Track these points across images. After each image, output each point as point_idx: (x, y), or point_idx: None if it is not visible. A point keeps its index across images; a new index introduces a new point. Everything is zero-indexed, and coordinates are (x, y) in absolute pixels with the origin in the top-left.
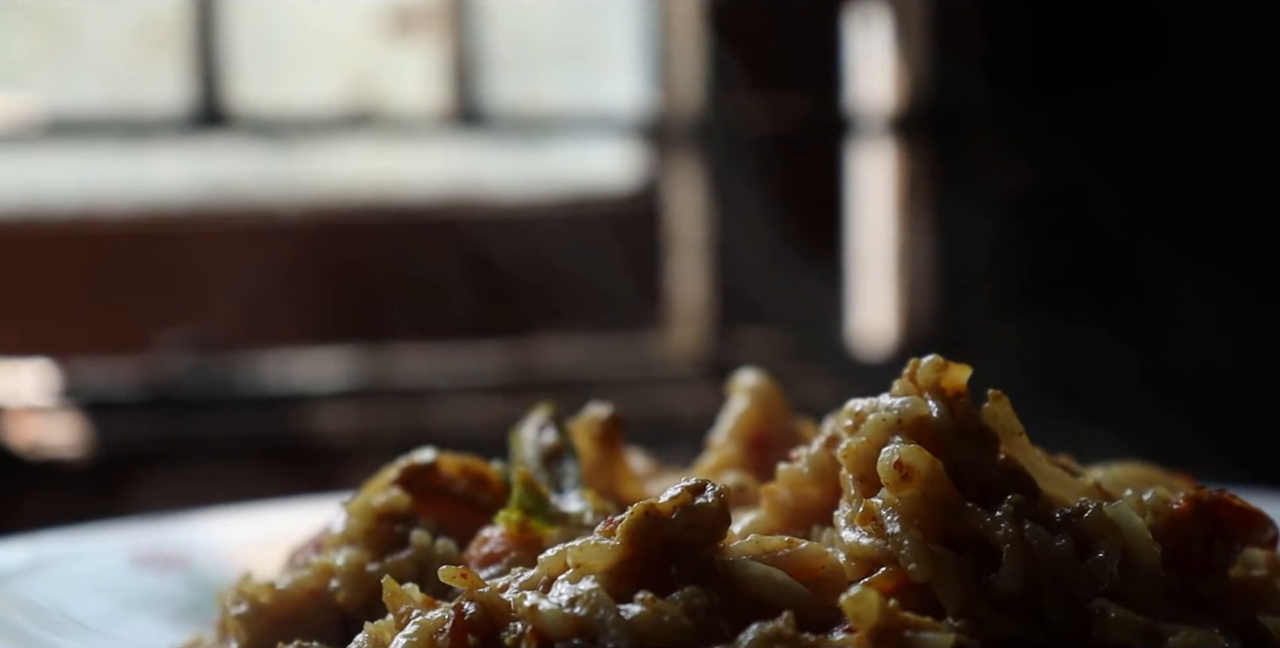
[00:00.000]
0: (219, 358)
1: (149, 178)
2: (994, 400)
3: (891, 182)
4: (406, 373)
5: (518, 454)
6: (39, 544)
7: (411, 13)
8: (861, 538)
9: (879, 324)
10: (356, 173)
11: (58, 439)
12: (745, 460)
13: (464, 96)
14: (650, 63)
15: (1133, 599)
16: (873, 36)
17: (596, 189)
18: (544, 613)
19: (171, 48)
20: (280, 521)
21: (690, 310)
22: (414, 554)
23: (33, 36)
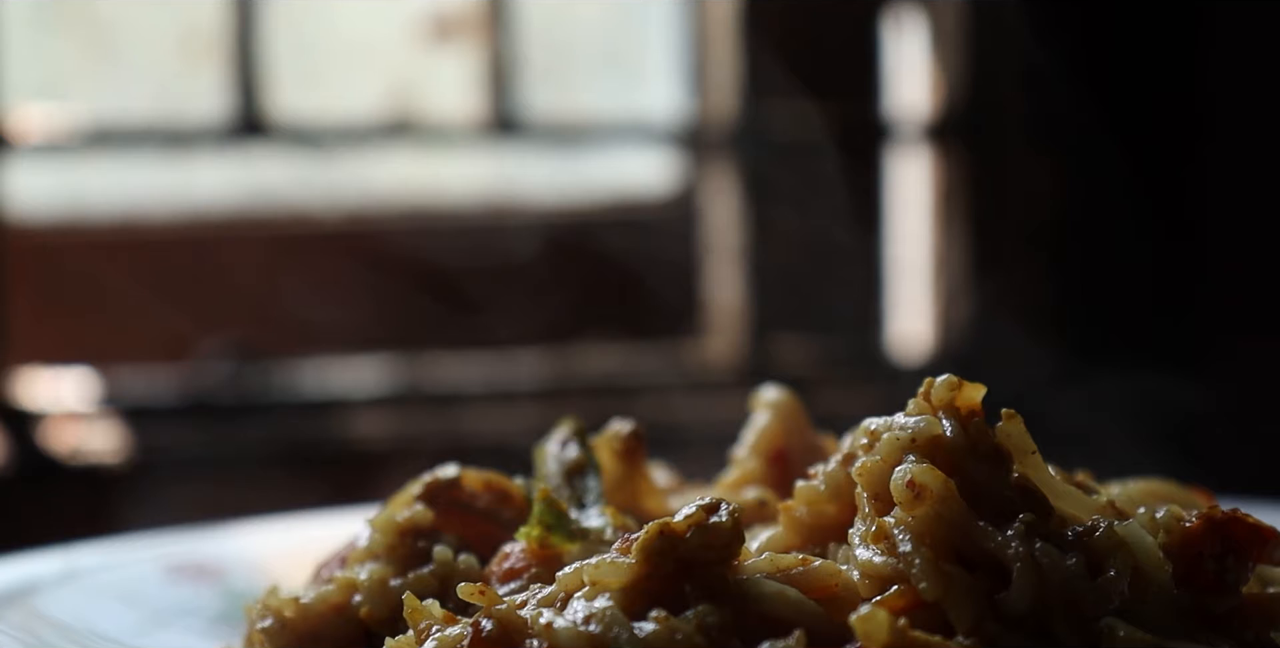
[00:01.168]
0: (258, 365)
1: (191, 186)
2: (1007, 419)
3: (928, 188)
4: (444, 380)
5: (541, 469)
6: (71, 555)
7: (450, 20)
8: (874, 556)
9: (916, 332)
10: (395, 180)
11: (98, 445)
12: (767, 476)
13: (501, 104)
14: (687, 70)
15: (1143, 617)
16: (909, 43)
17: (633, 196)
18: (558, 631)
19: (213, 57)
20: (315, 531)
21: (727, 317)
22: (436, 569)
23: (77, 46)
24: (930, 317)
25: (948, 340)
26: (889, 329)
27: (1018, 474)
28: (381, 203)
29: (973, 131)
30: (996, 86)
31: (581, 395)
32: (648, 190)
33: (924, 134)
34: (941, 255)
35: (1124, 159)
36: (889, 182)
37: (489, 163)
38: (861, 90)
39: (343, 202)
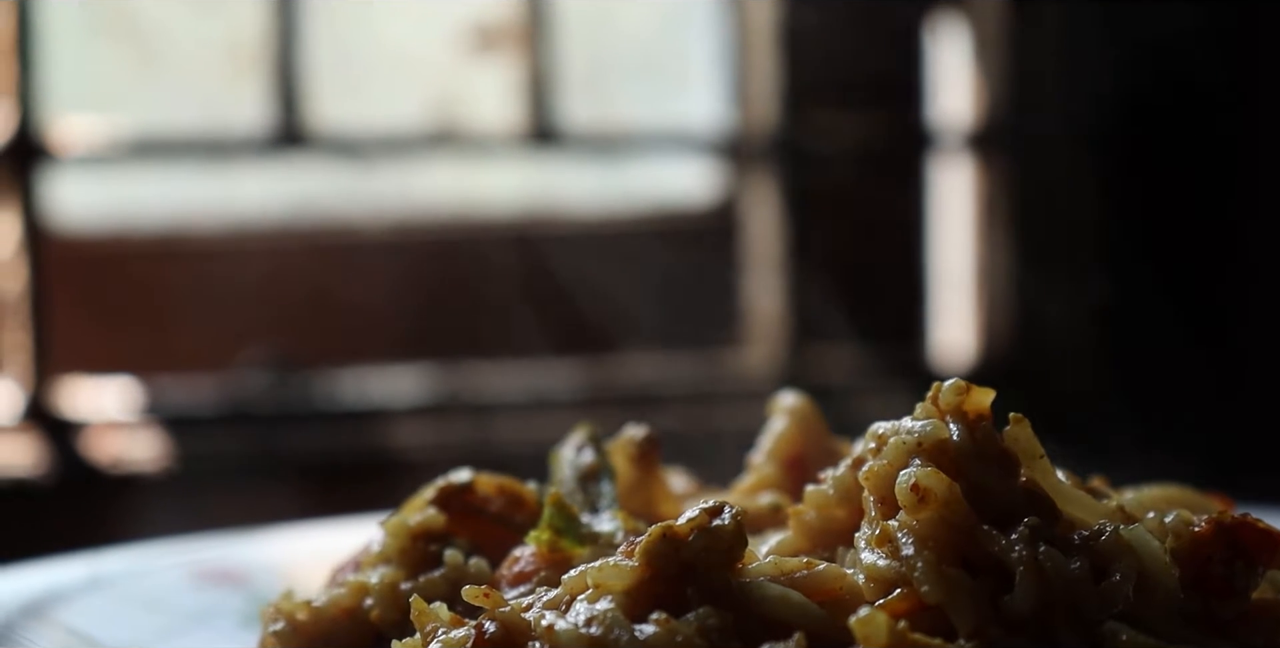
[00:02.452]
0: (297, 374)
1: (235, 197)
2: (1015, 424)
3: (970, 197)
4: (483, 389)
5: (556, 474)
6: (99, 561)
7: (492, 30)
8: (878, 560)
9: (958, 340)
10: (437, 190)
11: (139, 454)
12: (783, 481)
13: (542, 114)
14: (728, 79)
15: (1148, 622)
16: (951, 51)
17: (674, 206)
18: (559, 633)
19: (256, 68)
20: (342, 537)
21: (767, 326)
22: (447, 573)
23: (123, 57)
24: (973, 325)
25: (990, 349)
26: (931, 338)
27: (1025, 479)
28: (423, 213)
29: (1015, 140)
30: (1039, 94)
31: (620, 405)
32: (688, 200)
33: (966, 143)
34: (984, 264)
35: (1167, 165)
36: (931, 190)
37: (530, 173)
38: (903, 99)
39: (384, 212)
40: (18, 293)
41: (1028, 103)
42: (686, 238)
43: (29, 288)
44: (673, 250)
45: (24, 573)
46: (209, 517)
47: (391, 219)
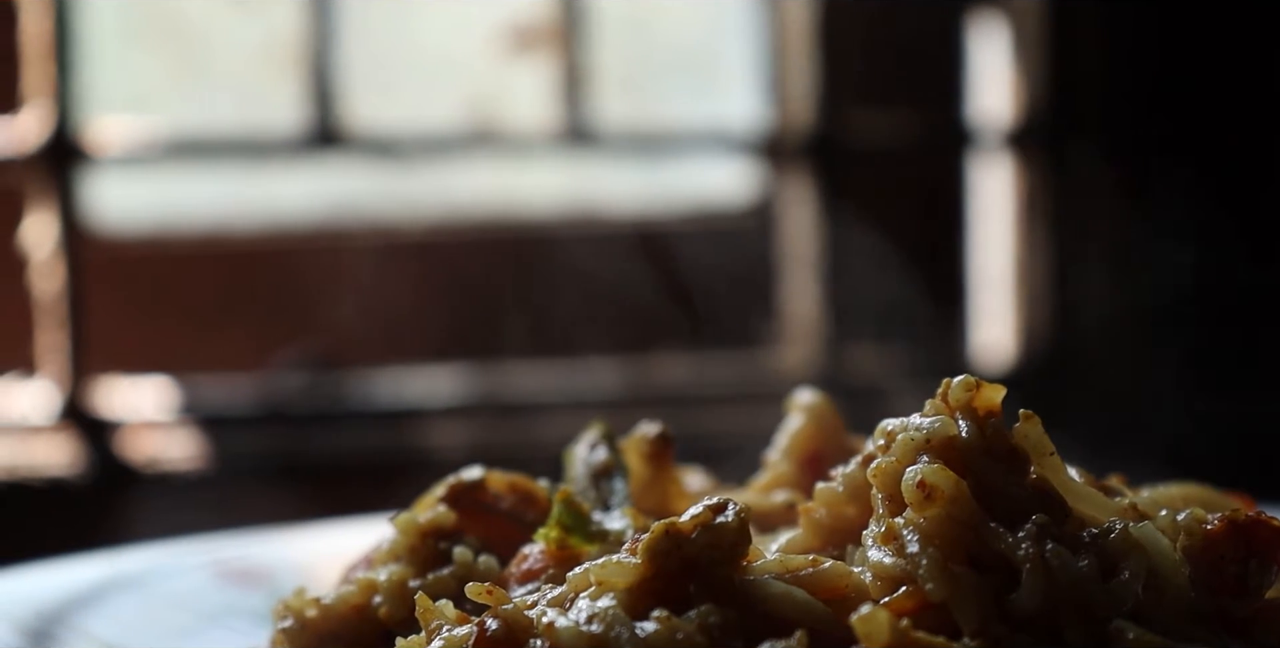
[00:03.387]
0: (334, 374)
1: (273, 198)
2: (1025, 420)
3: (1009, 196)
4: (521, 389)
5: (570, 472)
6: (124, 558)
7: (529, 30)
8: (885, 557)
9: (998, 340)
10: (475, 191)
11: (175, 454)
12: (799, 479)
13: (578, 114)
14: (765, 78)
15: (1157, 621)
16: (990, 48)
17: (712, 206)
18: (560, 630)
19: (293, 69)
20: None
21: (804, 327)
22: (455, 571)
23: (162, 59)
24: (1012, 324)
25: (1030, 348)
26: (971, 337)
27: (1035, 476)
28: (460, 213)
29: (1055, 138)
30: (1079, 93)
31: (656, 405)
32: (726, 200)
33: (1005, 141)
34: (1024, 262)
35: (1208, 162)
36: (970, 188)
37: (567, 173)
38: (942, 97)
39: (421, 212)
40: (55, 293)
41: (1067, 100)
42: (724, 237)
43: (66, 288)
44: (710, 250)
45: (48, 571)
46: (243, 516)
47: (428, 219)
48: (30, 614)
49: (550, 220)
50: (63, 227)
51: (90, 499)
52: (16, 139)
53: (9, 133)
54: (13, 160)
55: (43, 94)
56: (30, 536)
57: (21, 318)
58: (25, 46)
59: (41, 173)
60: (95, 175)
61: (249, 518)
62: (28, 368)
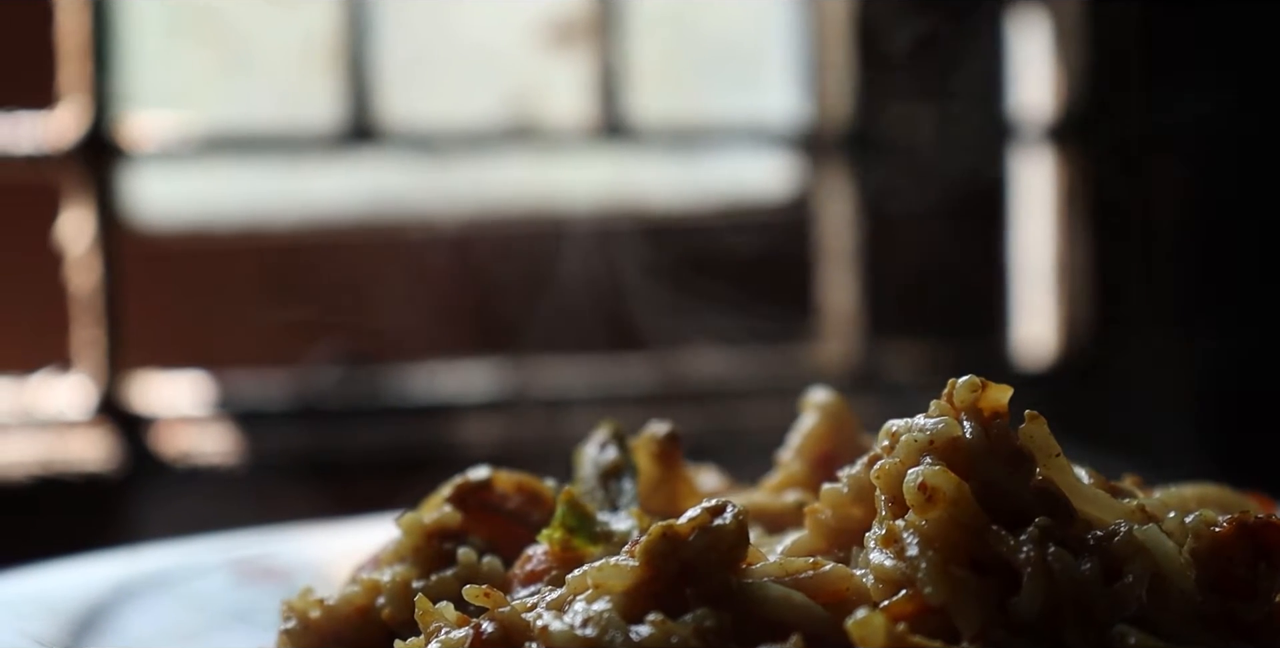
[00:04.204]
0: (367, 369)
1: (310, 193)
2: (1030, 421)
3: (1050, 190)
4: (553, 384)
5: (579, 472)
6: (142, 555)
7: (569, 24)
8: (886, 560)
9: (1039, 336)
10: (512, 186)
11: (209, 449)
12: (811, 479)
13: (616, 108)
14: (804, 72)
15: (1161, 624)
16: (1031, 41)
17: (749, 200)
18: (554, 633)
19: (332, 64)
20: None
21: (841, 322)
22: (459, 572)
23: (202, 54)
24: (1053, 320)
25: (1071, 344)
26: (1011, 333)
27: (1041, 477)
28: (497, 209)
29: (1096, 132)
30: (1120, 86)
31: (690, 400)
32: (763, 194)
33: (1046, 135)
34: (1065, 257)
35: (1249, 158)
36: (1011, 183)
37: (605, 168)
38: (981, 91)
39: (459, 207)
40: (92, 288)
41: (1109, 95)
42: (761, 232)
43: (103, 283)
44: (747, 244)
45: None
46: (276, 511)
47: (465, 214)
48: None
49: (587, 215)
50: (99, 222)
51: (125, 494)
52: (54, 135)
53: (46, 128)
54: (50, 156)
55: (80, 90)
56: (65, 530)
57: (58, 313)
58: (62, 42)
59: (78, 168)
60: (133, 171)
61: (282, 513)
62: (63, 363)
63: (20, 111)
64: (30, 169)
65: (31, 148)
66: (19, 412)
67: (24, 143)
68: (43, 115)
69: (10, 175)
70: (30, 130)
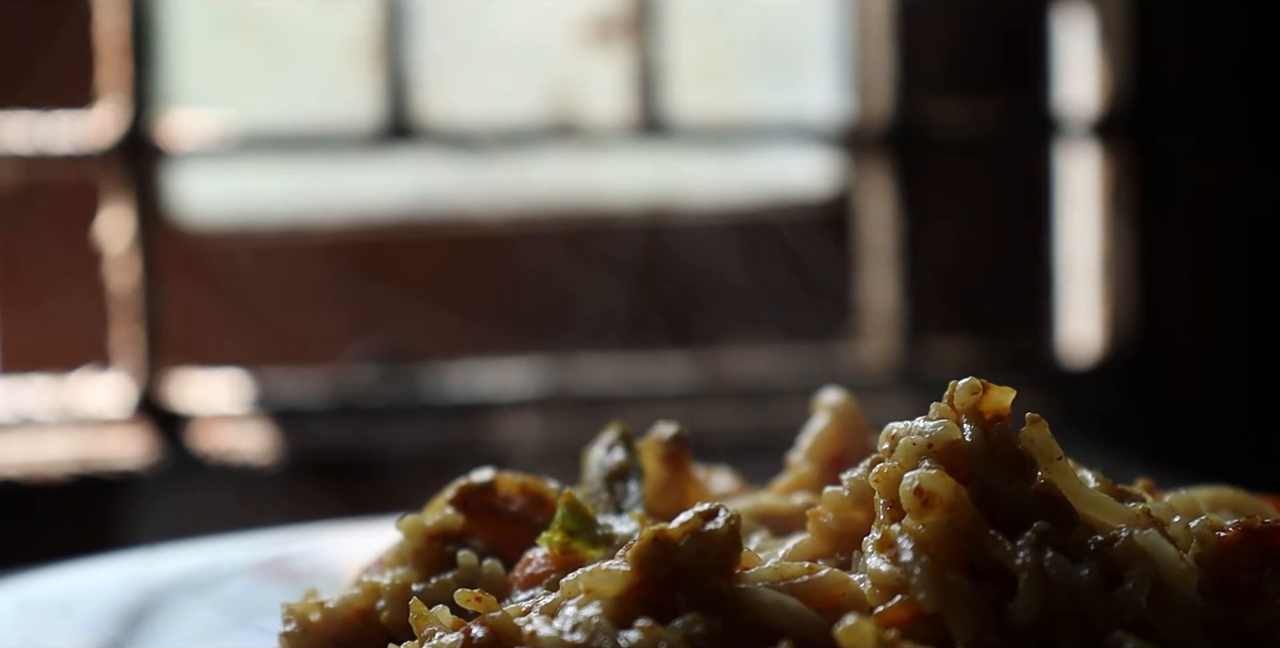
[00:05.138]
0: (406, 367)
1: (352, 191)
2: (1031, 424)
3: (1095, 186)
4: (593, 382)
5: (585, 474)
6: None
7: (610, 21)
8: (882, 565)
9: (1083, 333)
10: (554, 183)
11: (249, 447)
12: (822, 481)
13: (656, 105)
14: (845, 68)
15: (1163, 631)
16: (1076, 36)
17: (790, 197)
18: (542, 639)
19: (374, 62)
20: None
21: (882, 319)
22: (459, 575)
23: (244, 53)
24: (1098, 317)
25: (1116, 342)
26: (1055, 331)
27: (1043, 481)
28: (539, 205)
29: (1141, 127)
30: (1165, 81)
31: (730, 398)
32: (805, 191)
33: (1091, 130)
34: (1110, 254)
35: None
36: (1055, 179)
37: (646, 165)
38: (1025, 86)
39: (501, 205)
40: (132, 286)
41: (1153, 88)
42: (803, 229)
43: (143, 281)
44: (788, 242)
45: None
46: (314, 510)
47: (508, 212)
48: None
49: (628, 212)
50: (139, 220)
51: (163, 492)
52: (94, 133)
53: (86, 127)
54: (90, 155)
55: (120, 88)
56: (103, 528)
57: (98, 311)
58: (102, 41)
59: (118, 167)
60: (174, 169)
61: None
62: (103, 361)
63: (61, 111)
64: (71, 168)
65: (72, 147)
66: (58, 410)
67: (65, 142)
68: (83, 114)
69: (51, 174)
70: (71, 129)
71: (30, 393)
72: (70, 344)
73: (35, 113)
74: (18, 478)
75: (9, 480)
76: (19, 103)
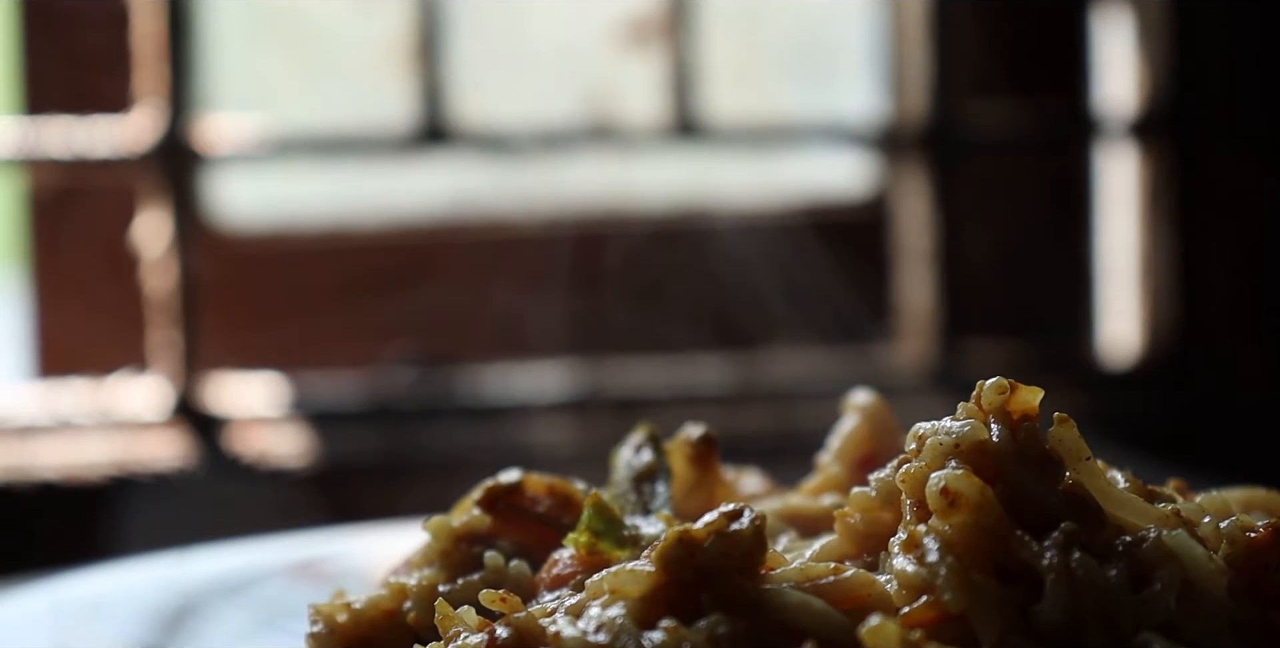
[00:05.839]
0: (442, 370)
1: (390, 194)
2: (1059, 424)
3: (1134, 187)
4: (628, 385)
5: (613, 475)
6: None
7: (645, 23)
8: (908, 565)
9: (1121, 335)
10: (589, 185)
11: (285, 450)
12: (851, 482)
13: (691, 107)
14: (881, 69)
15: (1191, 632)
16: (1114, 37)
17: (827, 199)
18: (565, 639)
19: (409, 65)
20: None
21: (919, 321)
22: (486, 576)
23: (281, 56)
24: (1137, 319)
25: (1155, 343)
26: (1094, 332)
27: (1071, 481)
28: (574, 208)
29: (1180, 127)
30: (1205, 80)
31: (767, 400)
32: (842, 193)
33: (1130, 130)
34: (1149, 255)
35: None
36: (1094, 179)
37: (682, 167)
38: (1063, 86)
39: (537, 208)
40: (169, 290)
41: (1193, 89)
42: (839, 231)
43: (180, 285)
44: (824, 244)
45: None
46: (351, 513)
47: (543, 214)
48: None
49: (664, 215)
50: (177, 224)
51: (199, 494)
52: (131, 137)
53: (123, 131)
54: (127, 159)
55: (157, 92)
56: (139, 530)
57: (135, 315)
58: (139, 45)
59: (155, 171)
60: (212, 173)
61: (355, 515)
62: (140, 364)
63: (98, 115)
64: (108, 172)
65: (110, 151)
66: (96, 412)
67: (103, 146)
68: (121, 119)
69: (89, 178)
70: (109, 133)
71: (68, 396)
72: (108, 348)
73: (73, 117)
74: (56, 480)
75: (48, 483)
76: (57, 107)
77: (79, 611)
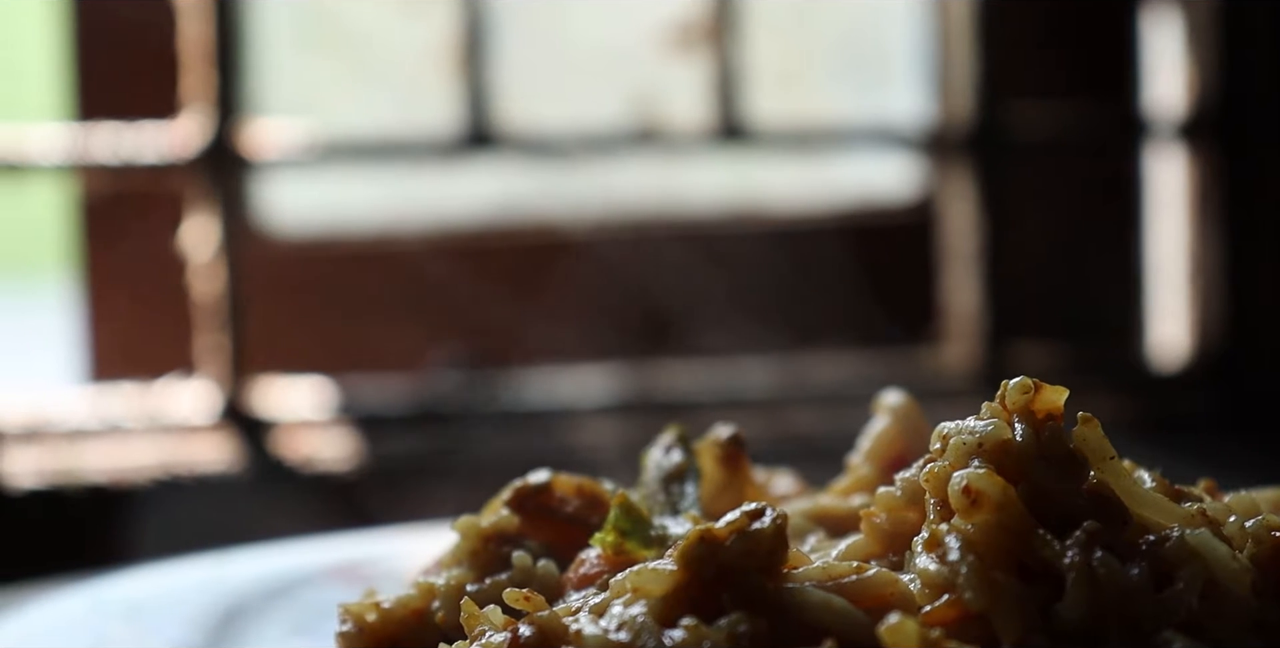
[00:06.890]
0: (487, 374)
1: (436, 199)
2: (1083, 423)
3: (1183, 189)
4: (673, 388)
5: (643, 476)
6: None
7: (692, 27)
8: (931, 564)
9: (1170, 338)
10: (636, 189)
11: (331, 453)
12: (881, 482)
13: (737, 111)
14: (928, 71)
15: (1215, 632)
16: (1163, 38)
17: (873, 202)
18: (587, 638)
19: (455, 70)
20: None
21: (965, 324)
22: (514, 575)
23: (328, 62)
24: (1186, 322)
25: (1204, 346)
26: (1141, 335)
27: (1096, 481)
28: (622, 212)
29: (1230, 130)
30: (1254, 81)
31: (812, 404)
32: (888, 196)
33: (1178, 132)
34: (1198, 257)
35: None
36: (1142, 182)
37: (728, 170)
38: (1111, 88)
39: (583, 211)
40: (216, 294)
41: (1242, 90)
42: (886, 234)
43: (227, 289)
44: (871, 247)
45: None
46: (397, 516)
47: (589, 218)
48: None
49: (710, 218)
50: (224, 229)
51: (246, 498)
52: (178, 143)
53: (170, 136)
54: (174, 164)
55: (204, 97)
56: (187, 534)
57: (183, 319)
58: (186, 50)
59: (202, 176)
60: (259, 178)
61: (401, 517)
62: (188, 368)
63: (145, 120)
64: (156, 177)
65: (157, 156)
66: (143, 416)
67: (150, 151)
68: (167, 124)
69: (136, 183)
70: (155, 139)
71: (117, 400)
72: (156, 352)
73: (120, 123)
74: (105, 484)
75: (97, 486)
76: (104, 113)
77: (120, 612)
